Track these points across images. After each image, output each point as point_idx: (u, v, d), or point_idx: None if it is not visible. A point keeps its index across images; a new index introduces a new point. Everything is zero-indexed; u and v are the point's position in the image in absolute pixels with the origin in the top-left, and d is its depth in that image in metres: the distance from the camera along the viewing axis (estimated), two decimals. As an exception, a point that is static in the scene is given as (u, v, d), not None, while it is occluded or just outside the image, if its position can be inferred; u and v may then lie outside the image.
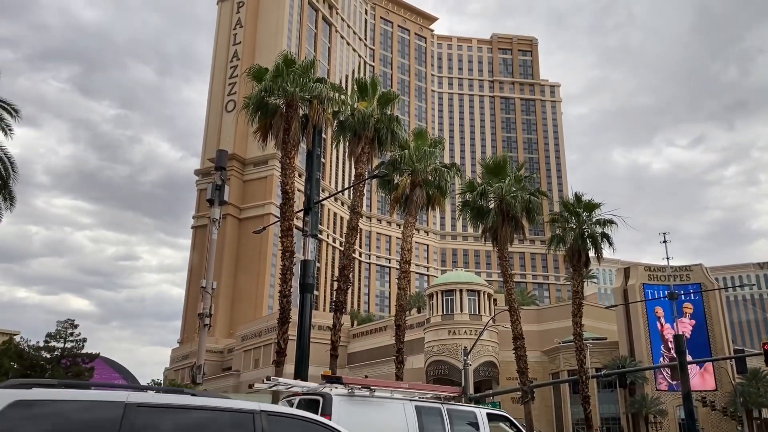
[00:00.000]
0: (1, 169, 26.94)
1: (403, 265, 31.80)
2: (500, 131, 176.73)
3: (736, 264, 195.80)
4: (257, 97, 27.63)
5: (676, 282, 71.62)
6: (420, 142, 32.77)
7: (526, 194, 34.39)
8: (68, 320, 67.98)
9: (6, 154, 27.37)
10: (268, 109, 27.78)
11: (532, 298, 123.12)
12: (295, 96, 26.95)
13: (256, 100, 27.68)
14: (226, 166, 24.87)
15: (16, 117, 27.20)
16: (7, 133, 27.06)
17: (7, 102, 27.06)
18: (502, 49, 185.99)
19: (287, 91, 26.93)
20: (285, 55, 28.45)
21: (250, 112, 27.99)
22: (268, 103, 27.72)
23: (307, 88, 27.13)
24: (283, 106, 27.71)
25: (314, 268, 25.84)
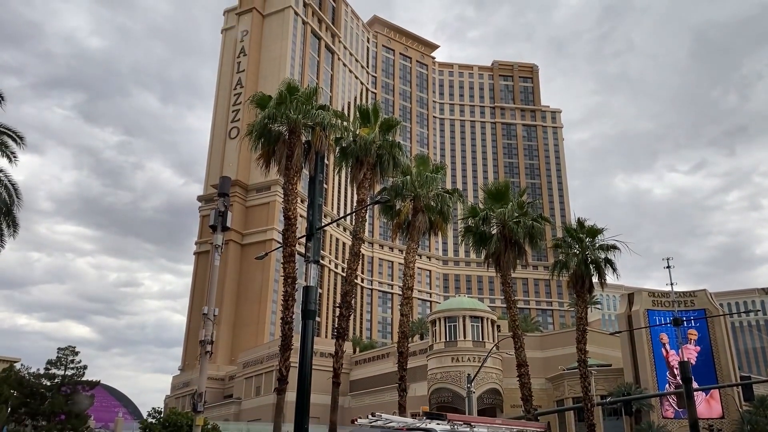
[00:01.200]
0: (5, 195, 27.05)
1: (406, 291, 31.67)
2: (502, 157, 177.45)
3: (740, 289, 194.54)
4: (260, 124, 27.86)
5: (681, 308, 71.04)
6: (422, 167, 32.90)
7: (529, 220, 34.37)
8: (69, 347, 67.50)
9: (11, 181, 27.51)
10: (271, 135, 27.99)
11: (536, 325, 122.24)
12: (298, 123, 27.17)
13: (259, 127, 27.90)
14: (229, 193, 24.93)
15: (21, 144, 27.40)
16: (12, 160, 27.23)
17: (11, 129, 27.29)
18: (503, 76, 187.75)
19: (290, 118, 27.16)
20: (288, 82, 28.77)
21: (254, 138, 28.20)
22: (271, 130, 27.95)
23: (310, 115, 27.36)
24: (286, 132, 27.93)
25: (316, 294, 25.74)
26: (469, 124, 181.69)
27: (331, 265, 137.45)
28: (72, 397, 65.52)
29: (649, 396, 60.15)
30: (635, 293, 77.47)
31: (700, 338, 69.86)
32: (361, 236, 30.43)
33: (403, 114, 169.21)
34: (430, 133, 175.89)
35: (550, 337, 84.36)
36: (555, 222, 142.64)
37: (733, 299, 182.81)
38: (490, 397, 70.22)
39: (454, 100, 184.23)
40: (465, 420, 12.91)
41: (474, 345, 73.88)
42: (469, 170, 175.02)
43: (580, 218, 36.40)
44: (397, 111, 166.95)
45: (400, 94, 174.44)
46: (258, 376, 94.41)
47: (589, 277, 35.78)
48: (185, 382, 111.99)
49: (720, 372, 67.28)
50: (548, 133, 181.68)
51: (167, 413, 48.75)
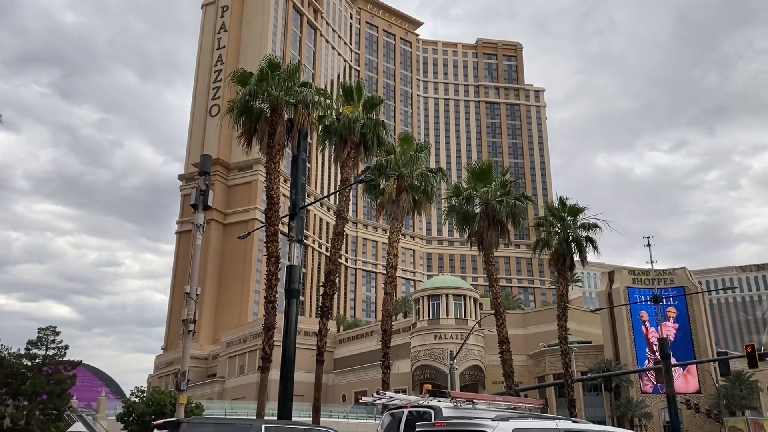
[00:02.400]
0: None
1: (390, 270, 31.70)
2: (485, 136, 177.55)
3: (718, 267, 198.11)
4: (242, 101, 27.44)
5: (660, 285, 72.14)
6: (406, 146, 32.73)
7: (512, 199, 34.46)
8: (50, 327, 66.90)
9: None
10: (252, 113, 27.59)
11: (518, 302, 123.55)
12: (280, 100, 26.78)
13: (240, 104, 27.48)
14: (210, 171, 24.60)
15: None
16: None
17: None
18: (487, 54, 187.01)
19: (272, 95, 26.77)
20: (270, 59, 28.29)
21: (235, 116, 27.78)
22: (253, 108, 27.53)
23: (292, 92, 26.98)
24: (267, 110, 27.53)
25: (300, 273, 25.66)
26: (453, 103, 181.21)
27: (315, 245, 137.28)
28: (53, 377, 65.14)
29: (629, 372, 61.28)
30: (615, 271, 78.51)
31: (678, 315, 71.13)
32: (345, 216, 30.34)
33: (386, 92, 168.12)
34: (414, 112, 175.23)
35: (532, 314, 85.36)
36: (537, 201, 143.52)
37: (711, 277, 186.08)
38: (472, 374, 71.14)
39: (438, 79, 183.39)
40: (467, 397, 13.31)
41: (457, 323, 74.64)
42: (453, 149, 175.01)
43: (562, 197, 36.67)
44: (380, 89, 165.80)
45: (384, 71, 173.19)
46: (241, 355, 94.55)
47: (570, 255, 36.10)
48: (168, 361, 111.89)
49: (698, 348, 68.68)
50: (531, 112, 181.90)
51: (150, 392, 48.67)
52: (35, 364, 55.07)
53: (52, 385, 61.53)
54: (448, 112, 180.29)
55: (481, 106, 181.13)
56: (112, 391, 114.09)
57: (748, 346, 36.53)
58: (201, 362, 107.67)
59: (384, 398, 14.50)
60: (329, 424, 34.25)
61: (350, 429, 55.90)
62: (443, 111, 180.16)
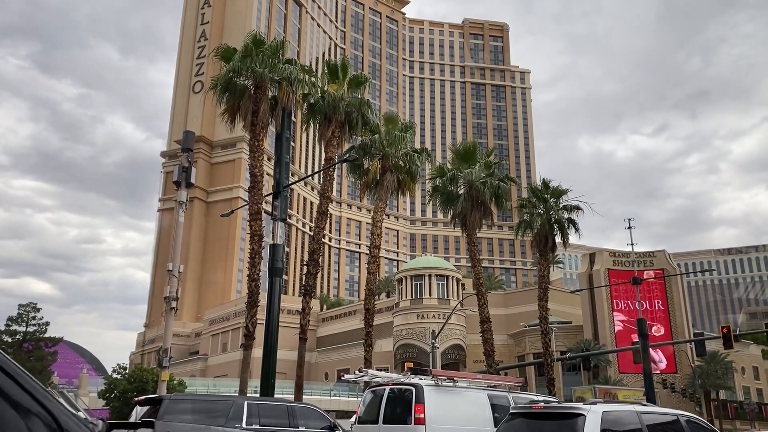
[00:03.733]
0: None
1: (373, 249, 31.77)
2: (470, 117, 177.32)
3: (697, 250, 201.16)
4: (225, 77, 27.13)
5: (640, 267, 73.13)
6: (391, 126, 32.60)
7: (495, 180, 34.59)
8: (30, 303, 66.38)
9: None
10: (236, 90, 27.30)
11: (499, 283, 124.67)
12: (264, 77, 26.52)
13: (224, 81, 27.17)
14: (193, 148, 24.39)
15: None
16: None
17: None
18: (474, 35, 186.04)
19: (256, 72, 26.49)
20: (254, 35, 27.94)
21: (218, 93, 27.47)
22: (237, 84, 27.24)
23: (277, 69, 26.71)
24: (251, 87, 27.26)
25: (283, 252, 25.64)
26: (438, 83, 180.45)
27: (299, 224, 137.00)
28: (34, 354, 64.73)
29: (607, 352, 62.32)
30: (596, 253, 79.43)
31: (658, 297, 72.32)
32: (329, 195, 30.27)
33: (372, 71, 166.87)
34: (399, 91, 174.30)
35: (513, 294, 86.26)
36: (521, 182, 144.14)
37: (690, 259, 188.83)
38: (453, 353, 71.95)
39: (424, 58, 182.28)
40: (448, 375, 13.80)
41: (439, 302, 75.25)
42: (438, 130, 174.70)
43: (545, 179, 36.87)
44: (366, 68, 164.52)
45: (370, 50, 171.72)
46: (224, 332, 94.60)
47: (552, 236, 36.42)
48: (150, 338, 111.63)
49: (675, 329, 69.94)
50: (516, 94, 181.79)
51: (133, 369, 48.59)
52: (15, 341, 54.76)
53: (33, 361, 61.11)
54: (434, 92, 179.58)
55: (467, 87, 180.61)
56: (93, 368, 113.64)
57: (724, 327, 37.31)
58: (184, 340, 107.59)
59: (366, 376, 14.78)
60: (312, 402, 34.50)
61: (332, 406, 56.36)
62: (429, 91, 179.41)
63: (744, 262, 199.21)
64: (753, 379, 77.75)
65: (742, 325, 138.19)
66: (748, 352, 78.24)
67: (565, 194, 36.66)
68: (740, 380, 74.54)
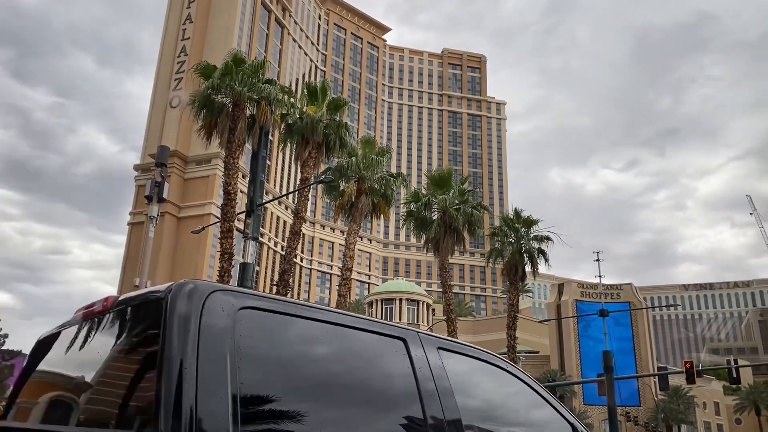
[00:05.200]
0: None
1: (345, 272, 31.70)
2: (447, 144, 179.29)
3: (663, 285, 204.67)
4: (204, 94, 27.12)
5: (607, 300, 74.12)
6: (368, 150, 32.81)
7: (469, 207, 34.92)
8: (-12, 315, 64.30)
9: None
10: (214, 107, 27.28)
11: (469, 309, 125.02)
12: (243, 96, 26.57)
13: (202, 98, 27.14)
14: (167, 163, 24.22)
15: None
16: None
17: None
18: (452, 64, 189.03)
19: (235, 90, 26.54)
20: (235, 53, 28.06)
21: (196, 109, 27.42)
22: (215, 101, 27.23)
23: (256, 88, 26.81)
24: (230, 105, 27.28)
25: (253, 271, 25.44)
26: (416, 110, 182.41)
27: (271, 243, 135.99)
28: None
29: (572, 383, 62.72)
30: (565, 284, 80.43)
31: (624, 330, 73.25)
32: (303, 215, 30.22)
33: (351, 95, 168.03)
34: (378, 116, 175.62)
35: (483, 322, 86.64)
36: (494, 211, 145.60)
37: (656, 294, 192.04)
38: (421, 380, 71.64)
39: (403, 85, 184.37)
40: None
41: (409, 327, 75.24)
42: (414, 155, 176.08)
43: (517, 208, 37.38)
44: (346, 91, 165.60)
45: (350, 74, 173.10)
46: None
47: (522, 265, 36.79)
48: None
49: (640, 362, 70.84)
50: (492, 124, 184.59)
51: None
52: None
53: (-12, 374, 59.11)
54: (412, 118, 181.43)
55: (444, 115, 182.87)
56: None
57: (687, 363, 37.86)
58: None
59: None
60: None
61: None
62: (407, 117, 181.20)
63: (708, 298, 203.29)
64: (714, 415, 78.89)
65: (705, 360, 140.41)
66: (710, 387, 79.48)
67: (535, 224, 37.18)
68: (702, 415, 75.58)
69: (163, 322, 2.42)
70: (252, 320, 2.60)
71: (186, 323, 2.40)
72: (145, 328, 2.69)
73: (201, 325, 2.42)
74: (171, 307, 2.45)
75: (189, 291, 2.50)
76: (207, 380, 2.30)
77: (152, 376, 2.34)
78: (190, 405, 2.22)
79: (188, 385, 2.25)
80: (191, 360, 2.31)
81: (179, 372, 2.27)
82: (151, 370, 2.36)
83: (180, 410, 2.20)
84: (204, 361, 2.34)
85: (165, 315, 2.43)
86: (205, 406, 2.24)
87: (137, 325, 2.78)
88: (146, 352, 2.57)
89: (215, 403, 2.28)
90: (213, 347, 2.39)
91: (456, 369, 3.35)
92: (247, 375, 2.43)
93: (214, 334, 2.43)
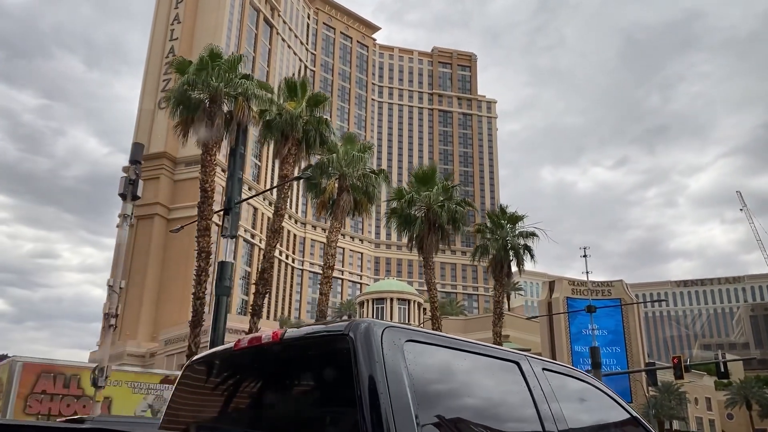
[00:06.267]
0: None
1: (326, 270, 31.24)
2: (437, 143, 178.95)
3: (654, 281, 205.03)
4: (180, 90, 26.63)
5: (598, 297, 73.97)
6: (349, 146, 32.36)
7: (453, 204, 34.54)
8: (-27, 320, 63.64)
9: None
10: (191, 103, 26.80)
11: (461, 308, 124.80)
12: (219, 91, 26.10)
13: (178, 94, 26.66)
14: (142, 160, 23.70)
15: None
16: None
17: None
18: (442, 63, 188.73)
19: (211, 86, 26.07)
20: (211, 49, 27.56)
21: (172, 105, 26.94)
22: (191, 98, 26.75)
23: (233, 83, 26.34)
24: (206, 101, 26.80)
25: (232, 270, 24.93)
26: (407, 109, 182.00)
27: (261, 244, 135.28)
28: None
29: (563, 380, 62.42)
30: (556, 281, 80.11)
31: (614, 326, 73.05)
32: (283, 213, 29.72)
33: (341, 94, 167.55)
34: (368, 116, 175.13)
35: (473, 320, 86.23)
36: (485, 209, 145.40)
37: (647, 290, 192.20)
38: (412, 379, 71.28)
39: (393, 84, 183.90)
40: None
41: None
42: (405, 155, 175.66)
43: (503, 205, 36.98)
44: (335, 91, 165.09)
45: (340, 74, 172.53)
46: (180, 353, 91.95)
47: (507, 262, 36.44)
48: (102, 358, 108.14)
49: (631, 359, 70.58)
50: (483, 123, 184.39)
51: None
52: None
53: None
54: (402, 117, 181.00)
55: (434, 114, 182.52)
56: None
57: (675, 358, 37.69)
58: (138, 360, 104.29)
59: None
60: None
61: None
62: (397, 116, 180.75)
63: (699, 294, 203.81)
64: (706, 410, 78.85)
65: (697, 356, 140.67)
66: (702, 383, 79.44)
67: (521, 220, 36.83)
68: (693, 411, 75.49)
69: (353, 355, 2.83)
70: (414, 350, 3.06)
71: (373, 354, 2.83)
72: (327, 360, 3.10)
73: (384, 355, 2.85)
74: (358, 342, 2.89)
75: (367, 328, 2.93)
76: (397, 400, 2.72)
77: (345, 398, 2.76)
78: (388, 419, 2.62)
79: (384, 404, 2.66)
80: (383, 385, 2.74)
81: (376, 393, 2.69)
82: (343, 395, 2.80)
83: (381, 423, 2.60)
84: (392, 383, 2.77)
85: (353, 348, 2.85)
86: (400, 420, 2.64)
87: (317, 356, 3.19)
88: (332, 379, 2.99)
89: (407, 421, 2.69)
90: (395, 373, 2.83)
91: (558, 387, 3.80)
92: (418, 395, 2.84)
93: (394, 363, 2.87)
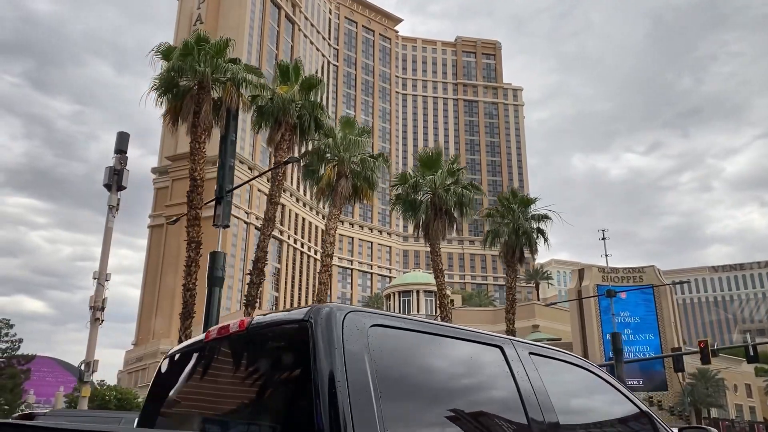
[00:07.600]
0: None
1: (325, 258, 30.36)
2: (463, 134, 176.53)
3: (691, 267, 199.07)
4: (166, 77, 26.00)
5: (629, 283, 71.67)
6: (347, 130, 31.35)
7: (460, 188, 33.21)
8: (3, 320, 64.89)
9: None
10: (178, 90, 26.17)
11: (491, 299, 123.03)
12: (207, 77, 25.38)
13: (164, 81, 26.04)
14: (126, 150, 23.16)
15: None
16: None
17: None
18: (466, 52, 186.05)
19: (198, 71, 25.36)
20: (198, 33, 26.87)
21: (160, 93, 26.32)
22: (179, 85, 26.10)
23: (220, 68, 25.58)
24: (195, 87, 26.11)
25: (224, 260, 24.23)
26: (431, 100, 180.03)
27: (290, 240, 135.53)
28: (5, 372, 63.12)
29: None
30: (585, 269, 77.92)
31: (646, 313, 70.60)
32: (277, 201, 28.86)
33: (365, 88, 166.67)
34: (393, 109, 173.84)
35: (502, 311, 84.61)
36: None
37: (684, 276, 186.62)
38: (438, 371, 70.21)
39: (417, 76, 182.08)
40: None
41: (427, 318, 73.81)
42: (431, 146, 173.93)
43: (514, 188, 35.69)
44: (359, 85, 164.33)
45: (363, 68, 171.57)
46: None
47: (520, 247, 34.98)
48: (138, 356, 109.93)
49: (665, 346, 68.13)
50: (509, 111, 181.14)
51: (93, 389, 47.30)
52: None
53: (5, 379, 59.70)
54: (427, 109, 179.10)
55: (460, 104, 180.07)
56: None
57: (701, 342, 35.83)
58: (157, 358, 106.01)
59: None
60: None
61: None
62: (422, 108, 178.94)
63: (739, 279, 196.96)
64: (746, 397, 75.75)
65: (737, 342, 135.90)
66: (740, 369, 76.31)
67: (533, 203, 35.29)
68: (733, 398, 72.57)
69: (312, 342, 2.69)
70: (380, 335, 2.88)
71: (333, 341, 2.69)
72: (289, 347, 2.94)
73: (344, 341, 2.71)
74: (318, 328, 2.73)
75: (328, 313, 2.78)
76: (357, 390, 2.59)
77: (304, 387, 2.63)
78: (345, 411, 2.51)
79: (342, 395, 2.54)
80: (341, 373, 2.61)
81: (333, 383, 2.56)
82: (302, 382, 2.65)
83: (338, 415, 2.49)
84: (351, 372, 2.64)
85: (313, 334, 2.70)
86: (359, 412, 2.54)
87: (280, 344, 3.03)
88: (293, 367, 2.85)
89: (368, 413, 2.57)
90: (355, 360, 2.68)
91: (547, 371, 3.63)
92: (382, 384, 2.70)
93: (356, 349, 2.72)
